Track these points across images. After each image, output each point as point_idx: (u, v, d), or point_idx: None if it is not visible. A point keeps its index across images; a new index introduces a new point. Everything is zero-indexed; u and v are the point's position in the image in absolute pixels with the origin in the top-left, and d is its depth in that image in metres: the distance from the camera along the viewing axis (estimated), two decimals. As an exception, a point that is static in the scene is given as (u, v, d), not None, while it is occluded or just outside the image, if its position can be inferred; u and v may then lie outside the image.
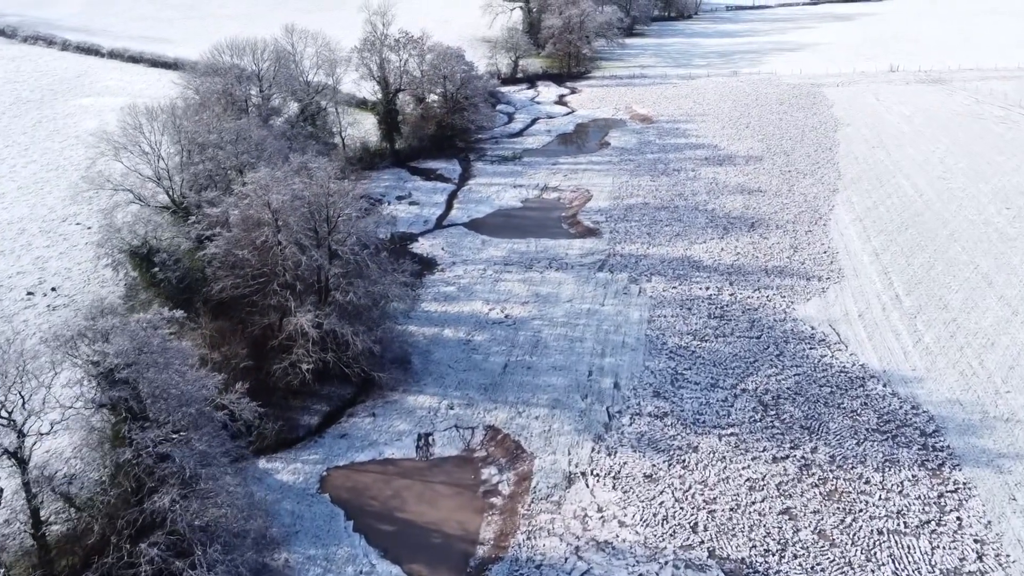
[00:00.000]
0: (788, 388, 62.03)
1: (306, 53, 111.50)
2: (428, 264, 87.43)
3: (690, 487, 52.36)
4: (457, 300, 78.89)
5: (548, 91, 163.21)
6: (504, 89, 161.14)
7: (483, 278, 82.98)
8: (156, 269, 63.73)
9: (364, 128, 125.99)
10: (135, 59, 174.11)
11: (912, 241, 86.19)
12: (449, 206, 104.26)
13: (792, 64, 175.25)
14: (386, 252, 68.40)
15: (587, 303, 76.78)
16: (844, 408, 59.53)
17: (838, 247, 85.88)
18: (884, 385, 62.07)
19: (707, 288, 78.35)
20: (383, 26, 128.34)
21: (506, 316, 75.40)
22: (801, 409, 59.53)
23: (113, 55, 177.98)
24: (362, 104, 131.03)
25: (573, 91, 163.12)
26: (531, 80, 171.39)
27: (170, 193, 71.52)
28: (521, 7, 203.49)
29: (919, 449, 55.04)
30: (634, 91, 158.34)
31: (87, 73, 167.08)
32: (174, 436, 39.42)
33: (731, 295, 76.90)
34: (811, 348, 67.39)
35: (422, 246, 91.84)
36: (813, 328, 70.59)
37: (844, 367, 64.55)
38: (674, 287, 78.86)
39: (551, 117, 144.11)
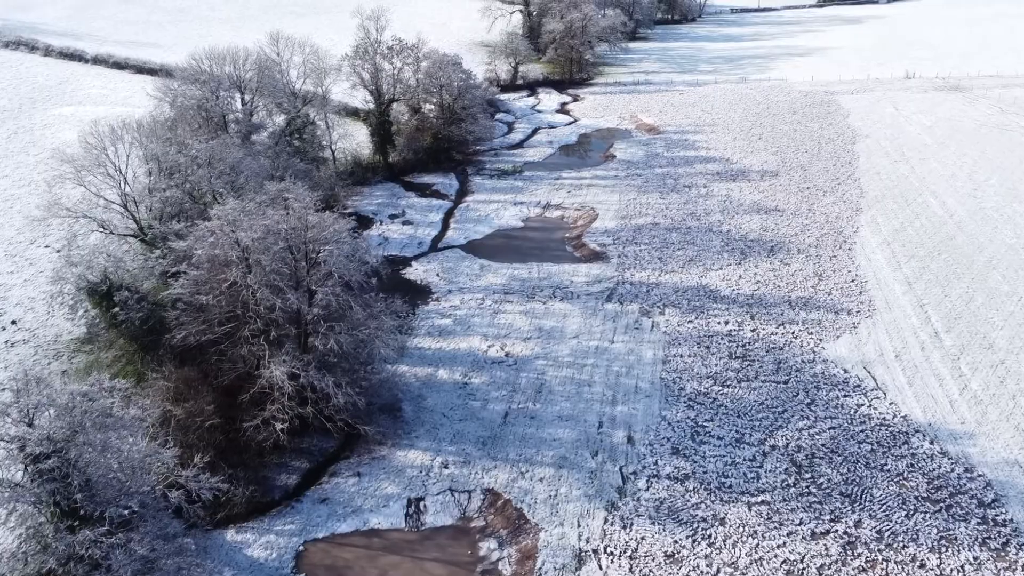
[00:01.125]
0: (823, 445, 55.36)
1: (293, 62, 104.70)
2: (422, 292, 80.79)
3: (718, 571, 45.66)
4: (453, 335, 72.20)
5: (549, 99, 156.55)
6: (503, 97, 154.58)
7: (481, 309, 76.31)
8: (116, 309, 56.91)
9: (356, 140, 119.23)
10: (120, 65, 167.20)
11: (947, 268, 79.53)
12: (445, 226, 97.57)
13: (802, 70, 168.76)
14: (372, 292, 61.46)
15: (595, 339, 70.09)
16: (888, 471, 52.85)
17: (866, 275, 79.22)
18: (931, 442, 55.41)
19: (726, 322, 71.67)
20: (376, 31, 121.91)
21: (507, 354, 68.73)
22: (840, 471, 52.86)
23: (97, 61, 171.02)
24: (354, 114, 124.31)
25: (575, 99, 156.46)
26: (531, 87, 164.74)
27: (138, 221, 64.74)
28: (521, 10, 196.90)
29: (978, 523, 48.39)
30: (639, 99, 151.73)
31: (69, 80, 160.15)
32: (108, 539, 32.60)
33: (753, 331, 70.24)
34: (845, 395, 60.71)
35: (416, 271, 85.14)
36: (846, 371, 63.91)
37: (884, 419, 57.88)
38: (690, 321, 72.18)
39: (552, 127, 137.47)
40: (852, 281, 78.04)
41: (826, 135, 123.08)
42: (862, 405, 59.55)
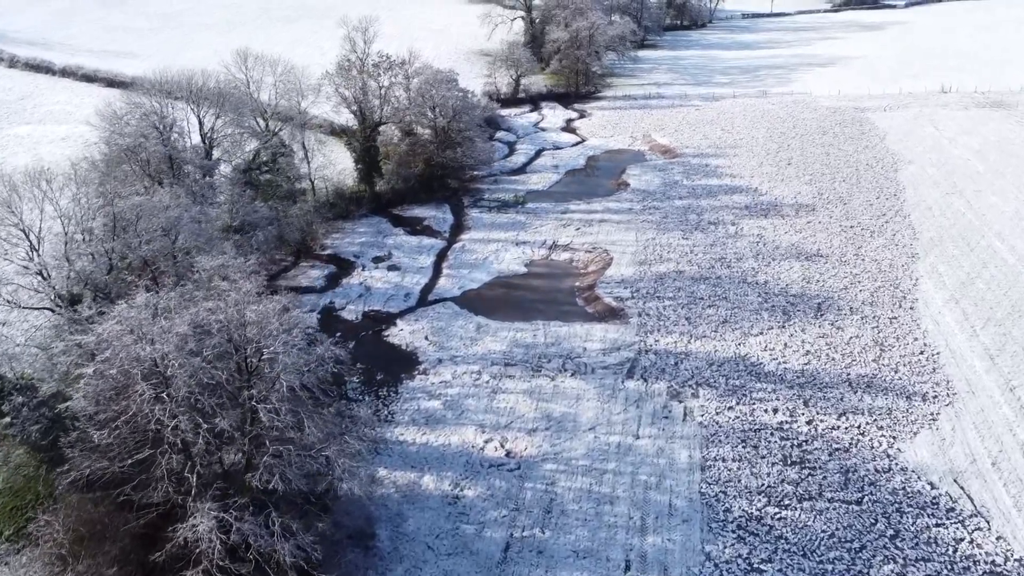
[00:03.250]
0: (921, 605, 42.68)
1: (265, 83, 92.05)
2: (407, 362, 68.16)
3: None
4: (443, 423, 59.52)
5: (554, 114, 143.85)
6: (504, 112, 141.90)
7: (477, 387, 63.62)
8: (6, 420, 44.24)
9: (339, 167, 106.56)
10: (89, 78, 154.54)
11: (1032, 335, 66.88)
12: (437, 271, 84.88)
13: (826, 82, 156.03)
14: (333, 400, 48.82)
15: (616, 433, 57.38)
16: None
17: (937, 344, 66.48)
18: (1062, 601, 42.74)
19: (775, 410, 58.92)
20: (364, 43, 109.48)
21: (508, 453, 56.04)
22: (948, 649, 40.19)
23: (66, 73, 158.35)
24: (340, 133, 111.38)
25: (582, 115, 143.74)
26: (534, 101, 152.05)
27: (51, 296, 52.05)
28: (523, 17, 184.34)
29: None
30: (651, 115, 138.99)
31: (32, 95, 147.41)
32: None
33: (809, 423, 57.49)
34: (938, 524, 48.00)
35: (401, 333, 72.42)
36: (933, 486, 51.19)
37: (994, 564, 45.16)
38: (730, 407, 59.43)
39: (558, 148, 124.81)
40: (921, 353, 65.26)
41: (863, 160, 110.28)
42: (961, 540, 46.84)
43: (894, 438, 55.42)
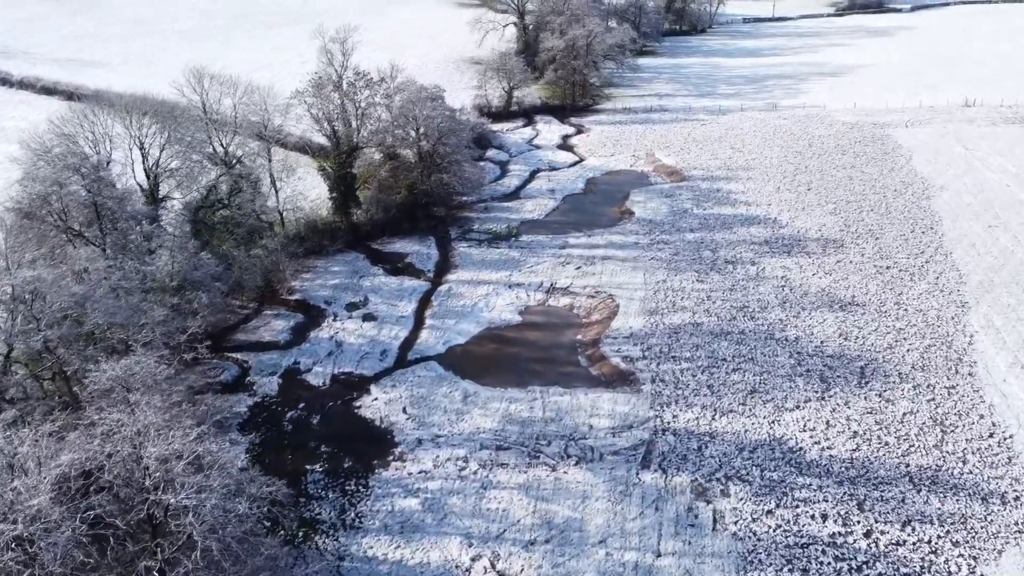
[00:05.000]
0: None
1: (225, 105, 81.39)
2: (381, 442, 57.70)
3: None
4: (421, 531, 49.08)
5: (549, 130, 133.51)
6: (496, 127, 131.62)
7: (463, 480, 53.20)
8: None
9: (314, 193, 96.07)
10: (49, 90, 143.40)
11: (1117, 411, 56.75)
12: (419, 320, 74.44)
13: (839, 93, 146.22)
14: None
15: (632, 548, 47.04)
16: None
17: (1007, 423, 56.34)
18: None
19: (824, 516, 48.67)
20: (343, 56, 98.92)
21: (500, 576, 45.65)
22: None
23: (24, 85, 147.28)
24: (315, 153, 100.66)
25: (579, 130, 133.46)
26: (528, 114, 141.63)
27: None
28: (515, 24, 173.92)
29: None
30: (654, 131, 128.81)
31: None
32: None
33: (867, 534, 47.25)
34: None
35: (375, 404, 61.94)
36: (1033, 632, 41.00)
37: None
38: (769, 511, 49.15)
39: (554, 168, 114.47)
40: (990, 436, 55.09)
41: (891, 185, 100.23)
42: None
43: (975, 559, 45.20)
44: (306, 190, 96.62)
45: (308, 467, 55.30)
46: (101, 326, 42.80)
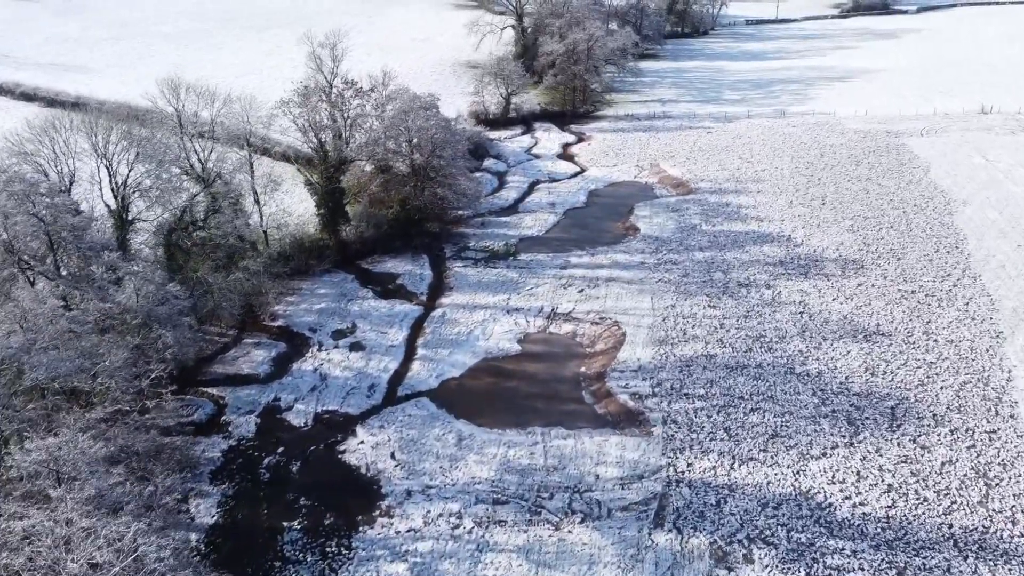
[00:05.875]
0: None
1: (202, 116, 76.01)
2: (367, 494, 52.39)
3: None
4: (409, 604, 43.78)
5: (549, 138, 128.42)
6: (493, 135, 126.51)
7: (456, 541, 47.93)
8: None
9: (302, 208, 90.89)
10: (28, 96, 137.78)
11: None
12: (411, 350, 69.20)
13: (848, 99, 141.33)
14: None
15: (646, 627, 41.75)
16: None
17: (1056, 474, 51.14)
18: None
19: (861, 588, 43.44)
20: (333, 62, 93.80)
21: (497, 662, 40.33)
22: None
23: (2, 91, 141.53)
24: (304, 163, 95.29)
25: (580, 138, 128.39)
26: (527, 121, 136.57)
27: None
28: (513, 26, 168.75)
29: None
30: (658, 139, 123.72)
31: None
32: None
33: (911, 611, 42.03)
34: None
35: (360, 448, 56.68)
36: None
37: None
38: (799, 582, 43.90)
39: (554, 179, 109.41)
40: (1040, 490, 49.93)
41: (909, 199, 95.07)
42: None
43: (1035, 643, 40.01)
44: (293, 205, 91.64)
45: (286, 524, 49.98)
46: (42, 381, 37.55)
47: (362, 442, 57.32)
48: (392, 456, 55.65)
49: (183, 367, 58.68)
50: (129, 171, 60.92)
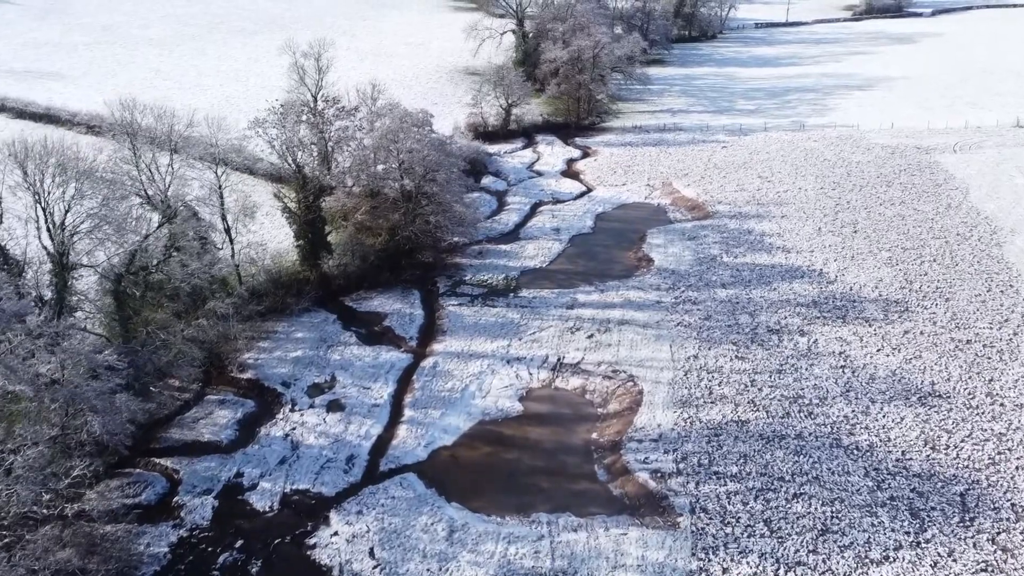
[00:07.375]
0: None
1: (159, 140, 67.05)
2: (339, 606, 43.52)
3: None
4: None
5: (552, 152, 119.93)
6: (492, 149, 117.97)
7: (446, 676, 39.10)
8: None
9: (281, 234, 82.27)
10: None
11: None
12: (397, 410, 60.51)
13: (871, 110, 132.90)
14: None
15: None
16: None
17: None
18: None
19: None
20: (318, 74, 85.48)
21: None
22: None
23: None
24: (280, 182, 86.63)
25: (586, 153, 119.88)
26: (528, 133, 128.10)
27: None
28: (513, 31, 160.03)
29: None
30: (669, 154, 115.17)
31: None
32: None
33: None
34: None
35: (335, 541, 47.87)
36: None
37: None
38: None
39: (558, 200, 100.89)
40: None
41: (951, 227, 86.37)
42: None
43: None
44: (273, 231, 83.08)
45: (238, 650, 41.24)
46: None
47: (336, 533, 48.54)
48: (371, 553, 46.89)
49: (116, 457, 49.96)
50: (66, 212, 52.06)
